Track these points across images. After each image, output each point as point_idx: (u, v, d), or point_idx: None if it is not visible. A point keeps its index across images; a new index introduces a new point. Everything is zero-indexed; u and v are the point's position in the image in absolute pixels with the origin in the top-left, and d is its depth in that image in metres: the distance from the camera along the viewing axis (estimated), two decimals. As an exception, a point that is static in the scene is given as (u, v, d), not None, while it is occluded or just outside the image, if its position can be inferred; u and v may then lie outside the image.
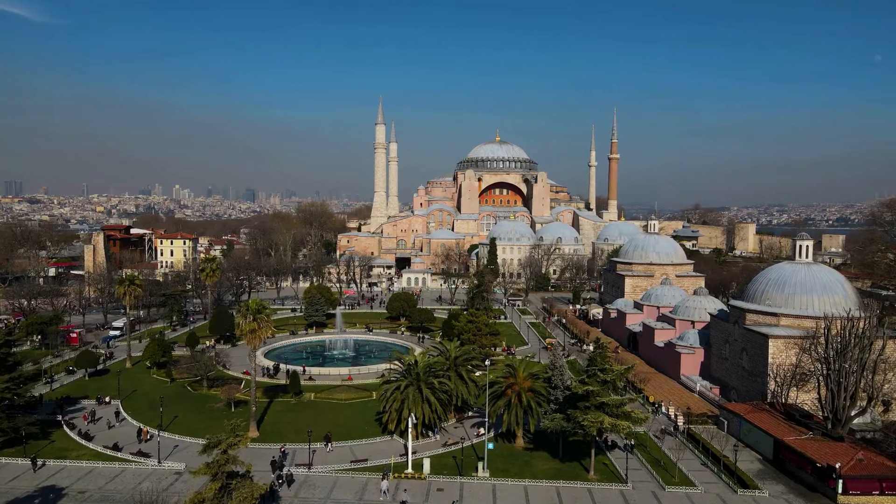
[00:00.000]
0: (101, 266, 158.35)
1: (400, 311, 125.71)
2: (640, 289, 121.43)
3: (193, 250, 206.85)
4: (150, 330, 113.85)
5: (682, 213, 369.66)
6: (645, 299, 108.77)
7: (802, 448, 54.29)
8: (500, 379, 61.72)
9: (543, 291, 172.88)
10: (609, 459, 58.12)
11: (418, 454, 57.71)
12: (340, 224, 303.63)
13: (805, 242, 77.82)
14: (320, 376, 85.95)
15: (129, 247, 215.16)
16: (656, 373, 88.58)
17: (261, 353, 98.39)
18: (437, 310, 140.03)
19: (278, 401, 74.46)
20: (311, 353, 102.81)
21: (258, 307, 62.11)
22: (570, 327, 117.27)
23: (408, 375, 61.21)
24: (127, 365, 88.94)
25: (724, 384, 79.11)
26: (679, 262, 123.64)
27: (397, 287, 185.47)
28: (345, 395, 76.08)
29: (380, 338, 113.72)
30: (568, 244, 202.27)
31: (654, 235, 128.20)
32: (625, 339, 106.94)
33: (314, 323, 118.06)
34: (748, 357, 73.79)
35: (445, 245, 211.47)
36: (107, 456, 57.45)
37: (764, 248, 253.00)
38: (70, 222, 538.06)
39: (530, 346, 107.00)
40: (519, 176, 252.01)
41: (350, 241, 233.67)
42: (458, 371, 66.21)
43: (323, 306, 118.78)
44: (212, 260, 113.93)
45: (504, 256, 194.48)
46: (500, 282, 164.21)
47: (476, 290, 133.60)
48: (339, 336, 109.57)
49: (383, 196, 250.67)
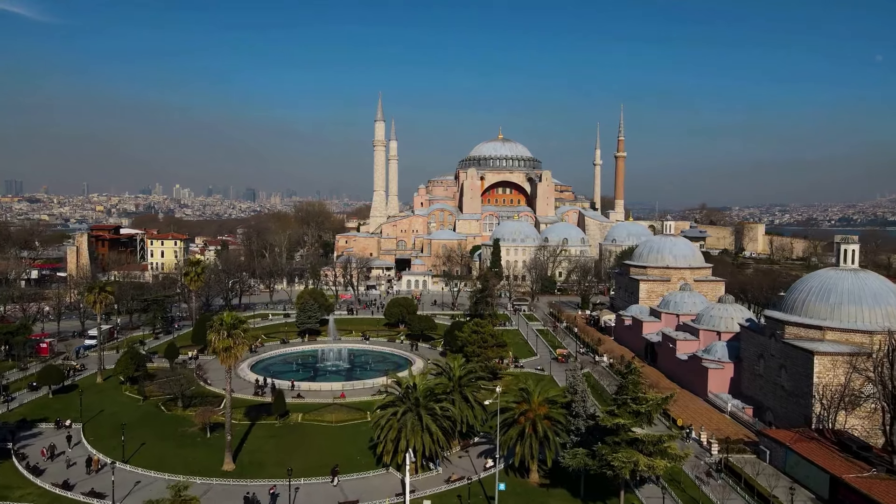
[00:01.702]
0: (84, 268, 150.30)
1: (399, 318, 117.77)
2: (655, 294, 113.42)
3: (185, 251, 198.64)
4: (129, 338, 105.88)
5: (683, 213, 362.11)
6: (663, 306, 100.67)
7: (868, 490, 46.22)
8: (512, 404, 53.68)
9: (549, 294, 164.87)
10: (639, 500, 50.03)
11: (417, 493, 49.76)
12: (339, 224, 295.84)
13: (851, 246, 69.65)
14: (310, 392, 77.94)
15: (119, 248, 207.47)
16: (679, 388, 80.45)
17: (247, 364, 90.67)
18: (438, 315, 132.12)
19: (262, 424, 66.45)
20: (301, 365, 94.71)
21: (234, 321, 54.09)
22: (582, 335, 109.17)
23: (406, 400, 53.24)
24: (98, 380, 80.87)
25: (758, 403, 71.08)
26: (697, 265, 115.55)
27: (396, 290, 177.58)
28: (336, 417, 68.10)
29: (377, 347, 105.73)
30: (574, 245, 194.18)
31: (670, 237, 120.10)
32: (641, 350, 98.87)
33: (307, 331, 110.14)
34: (788, 375, 65.75)
35: (447, 246, 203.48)
36: (55, 496, 49.42)
37: (774, 249, 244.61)
38: (69, 222, 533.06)
39: (539, 356, 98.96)
40: (522, 175, 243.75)
41: (348, 241, 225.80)
42: (462, 392, 58.24)
43: (316, 313, 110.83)
44: (196, 263, 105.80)
45: (508, 258, 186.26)
46: (504, 285, 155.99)
47: (480, 295, 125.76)
48: (333, 345, 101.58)
49: (383, 195, 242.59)
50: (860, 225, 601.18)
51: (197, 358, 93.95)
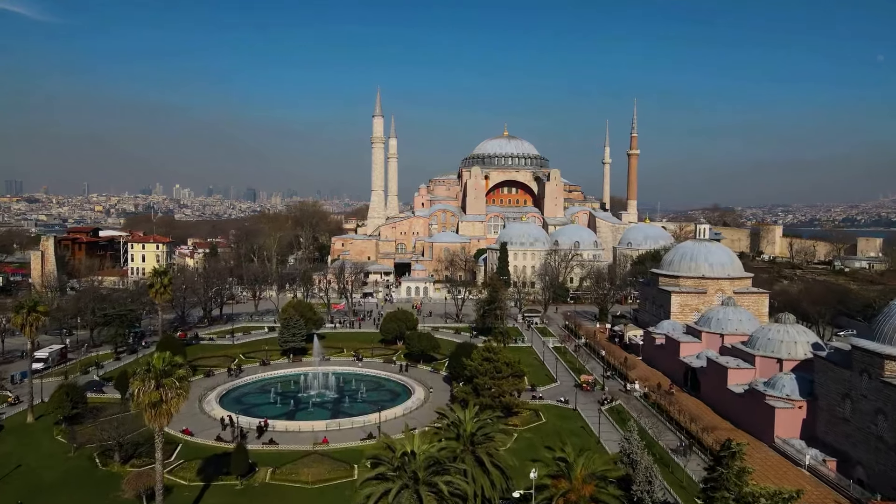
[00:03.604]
0: (50, 275, 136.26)
1: (396, 334, 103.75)
2: (689, 308, 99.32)
3: (168, 255, 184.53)
4: (85, 360, 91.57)
5: (686, 214, 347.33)
6: (703, 324, 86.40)
7: None
8: (546, 479, 39.54)
9: (562, 303, 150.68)
10: None
11: None
12: (337, 225, 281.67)
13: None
14: (286, 435, 63.74)
15: (98, 251, 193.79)
16: (732, 428, 66.55)
17: (216, 395, 76.62)
18: (440, 329, 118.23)
19: (219, 485, 52.17)
20: (281, 395, 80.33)
21: (167, 365, 39.86)
22: (607, 357, 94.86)
23: (401, 474, 39.12)
24: (28, 418, 66.48)
25: (843, 455, 56.91)
26: (737, 275, 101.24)
27: (395, 298, 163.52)
28: (314, 474, 53.92)
29: (371, 370, 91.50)
30: (587, 249, 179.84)
31: (705, 242, 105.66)
32: (679, 375, 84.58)
33: (291, 350, 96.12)
34: (889, 423, 51.59)
35: (449, 249, 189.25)
36: None
37: (794, 252, 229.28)
38: (67, 222, 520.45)
39: (560, 383, 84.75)
40: (529, 173, 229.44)
41: (345, 244, 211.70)
42: (475, 454, 44.15)
43: (302, 329, 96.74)
44: (162, 273, 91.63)
45: (516, 263, 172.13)
46: (512, 292, 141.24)
47: (488, 307, 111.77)
48: (320, 368, 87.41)
49: (381, 195, 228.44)
50: (864, 225, 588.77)
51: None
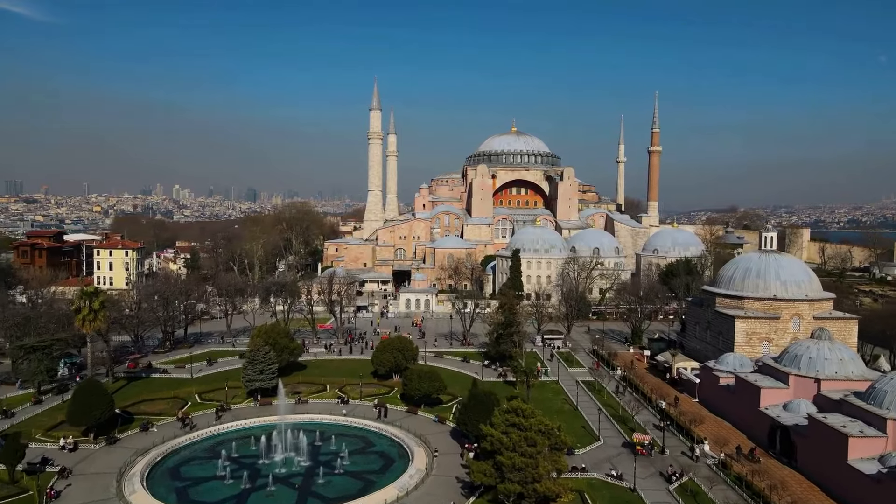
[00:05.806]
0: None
1: (391, 368, 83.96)
2: (757, 337, 79.48)
3: (138, 263, 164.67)
4: None
5: (689, 214, 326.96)
6: (789, 363, 66.31)
7: None
8: None
9: (584, 319, 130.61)
10: None
11: None
12: (332, 228, 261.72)
13: None
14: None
15: (62, 257, 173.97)
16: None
17: (143, 467, 56.65)
18: (445, 355, 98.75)
19: None
20: (236, 462, 60.13)
21: None
22: (655, 399, 74.68)
23: None
24: None
25: None
26: (816, 296, 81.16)
27: (393, 312, 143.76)
28: None
29: (358, 420, 71.10)
30: (609, 256, 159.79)
31: (774, 255, 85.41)
32: (761, 433, 64.25)
33: (257, 390, 76.29)
34: None
35: (454, 256, 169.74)
36: None
37: (826, 258, 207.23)
38: (64, 223, 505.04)
39: (603, 442, 64.50)
40: (540, 172, 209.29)
41: (339, 249, 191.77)
42: None
43: (273, 364, 76.93)
44: (92, 295, 71.84)
45: (530, 272, 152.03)
46: (526, 306, 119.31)
47: (504, 332, 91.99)
48: (290, 418, 67.44)
49: (379, 195, 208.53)
50: (869, 227, 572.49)
51: (74, 449, 60.20)
